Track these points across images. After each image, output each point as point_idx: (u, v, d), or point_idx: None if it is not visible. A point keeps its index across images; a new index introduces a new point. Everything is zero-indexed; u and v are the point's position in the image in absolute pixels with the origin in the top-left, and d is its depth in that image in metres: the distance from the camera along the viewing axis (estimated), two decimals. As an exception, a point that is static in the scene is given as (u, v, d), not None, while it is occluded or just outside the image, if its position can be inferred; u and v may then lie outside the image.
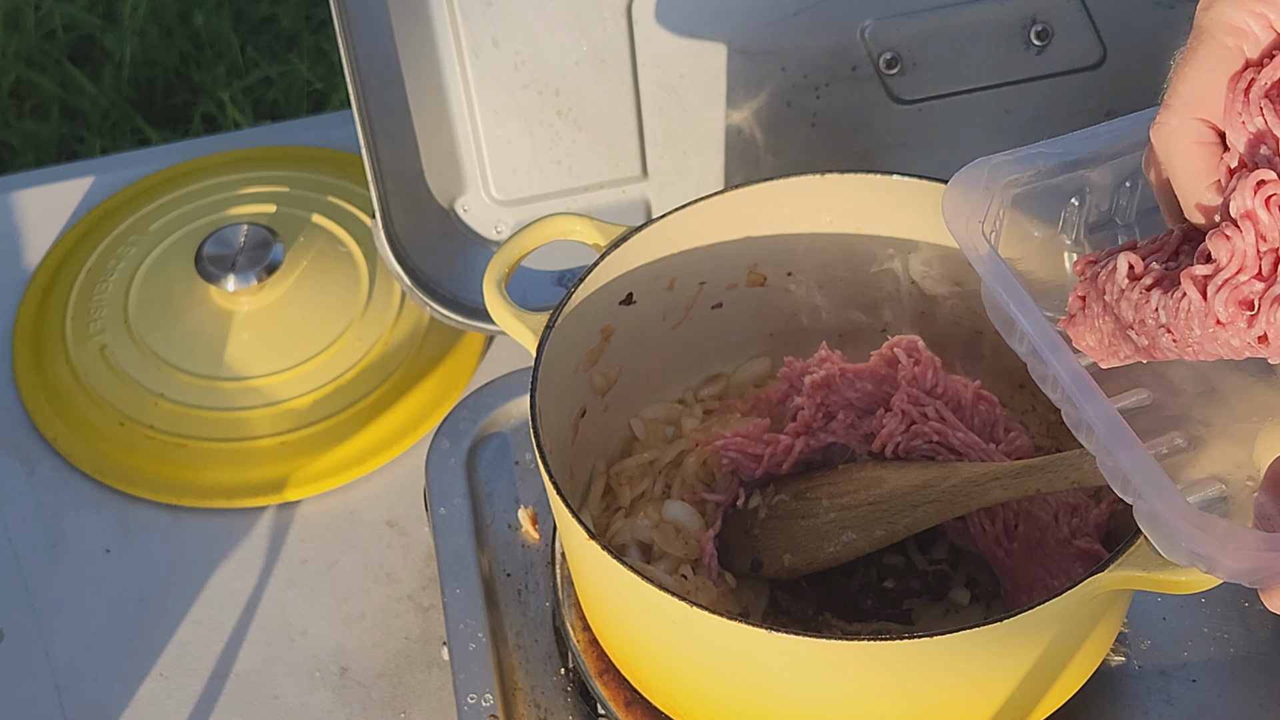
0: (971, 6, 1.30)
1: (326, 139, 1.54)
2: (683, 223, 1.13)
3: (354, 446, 1.32)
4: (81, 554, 1.27)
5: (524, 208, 1.33)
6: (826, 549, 1.09)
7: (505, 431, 1.29)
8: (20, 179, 1.54)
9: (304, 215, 1.45)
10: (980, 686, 0.99)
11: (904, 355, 1.12)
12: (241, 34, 2.28)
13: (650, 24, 1.27)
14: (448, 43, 1.27)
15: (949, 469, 1.07)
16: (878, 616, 1.12)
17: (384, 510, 1.29)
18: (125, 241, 1.45)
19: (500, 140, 1.31)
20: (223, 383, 1.35)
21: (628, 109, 1.31)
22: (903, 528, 1.07)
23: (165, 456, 1.32)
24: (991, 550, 1.10)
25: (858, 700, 0.99)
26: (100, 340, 1.39)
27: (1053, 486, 1.01)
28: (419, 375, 1.36)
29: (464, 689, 1.13)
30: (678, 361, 1.21)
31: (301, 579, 1.26)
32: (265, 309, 1.38)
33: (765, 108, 1.32)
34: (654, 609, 0.97)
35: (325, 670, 1.21)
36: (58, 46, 2.26)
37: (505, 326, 1.10)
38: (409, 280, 1.31)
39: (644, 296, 1.15)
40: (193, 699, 1.20)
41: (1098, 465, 0.83)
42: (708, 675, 1.02)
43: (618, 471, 1.18)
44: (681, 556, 1.13)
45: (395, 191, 1.29)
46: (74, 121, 2.21)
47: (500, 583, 1.21)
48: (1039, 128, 1.36)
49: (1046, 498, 1.08)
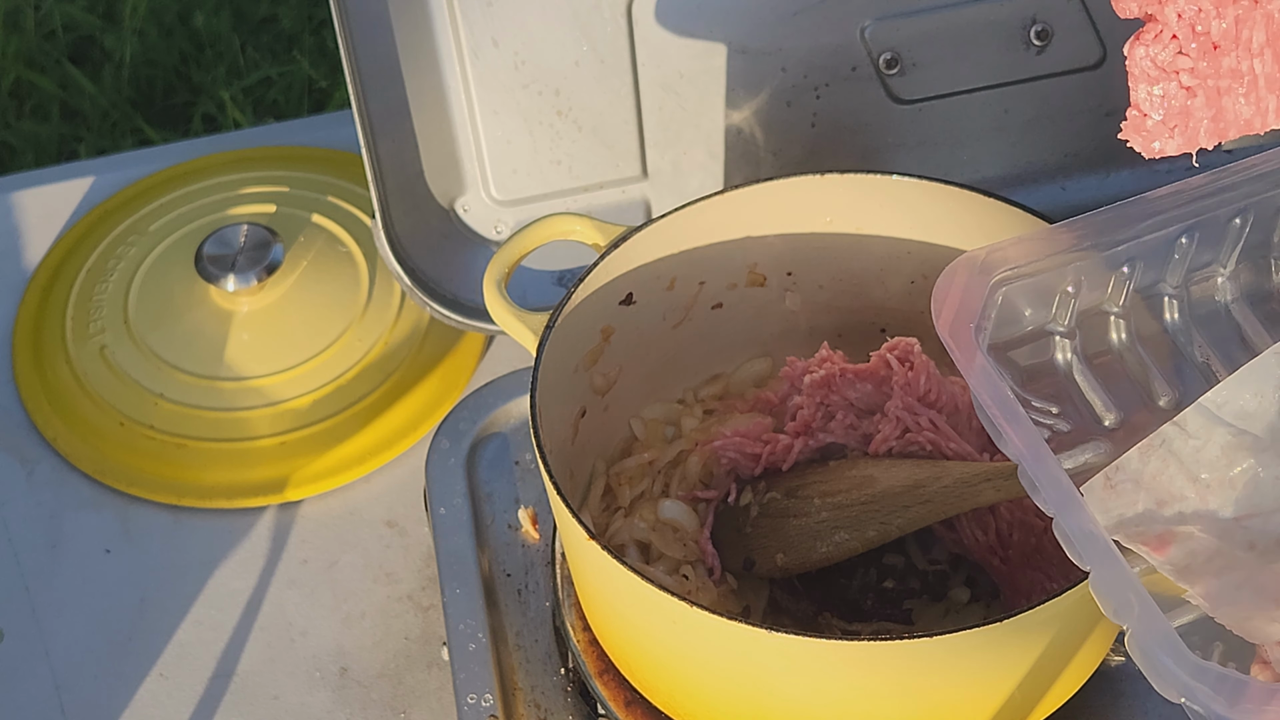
0: (971, 6, 1.30)
1: (326, 139, 1.54)
2: (683, 223, 1.13)
3: (354, 446, 1.32)
4: (81, 554, 1.27)
5: (524, 208, 1.33)
6: (819, 548, 1.09)
7: (505, 431, 1.29)
8: (20, 179, 1.54)
9: (304, 215, 1.45)
10: (980, 686, 0.99)
11: (897, 362, 1.12)
12: (241, 34, 2.28)
13: (650, 24, 1.27)
14: (448, 43, 1.27)
15: (941, 468, 1.07)
16: (878, 616, 1.12)
17: (384, 510, 1.29)
18: (125, 241, 1.45)
19: (500, 140, 1.31)
20: (223, 383, 1.35)
21: (628, 109, 1.31)
22: (895, 528, 1.07)
23: (165, 456, 1.32)
24: (987, 559, 1.10)
25: (858, 700, 0.99)
26: (100, 340, 1.39)
27: None
28: (419, 375, 1.36)
29: (464, 689, 1.13)
30: (678, 361, 1.21)
31: (301, 579, 1.26)
32: (265, 309, 1.38)
33: (765, 108, 1.32)
34: (654, 609, 0.97)
35: (325, 670, 1.21)
36: (58, 46, 2.26)
37: (505, 326, 1.10)
38: (409, 280, 1.31)
39: (644, 296, 1.15)
40: (193, 699, 1.20)
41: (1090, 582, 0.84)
42: (708, 675, 1.02)
43: (617, 472, 1.18)
44: (680, 558, 1.13)
45: (395, 191, 1.29)
46: (74, 122, 2.21)
47: (500, 583, 1.21)
48: (1039, 127, 1.36)
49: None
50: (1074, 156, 1.39)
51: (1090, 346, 0.93)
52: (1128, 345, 0.94)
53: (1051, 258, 0.89)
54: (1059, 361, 0.92)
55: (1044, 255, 0.89)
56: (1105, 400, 0.92)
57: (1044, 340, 0.92)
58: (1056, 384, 0.92)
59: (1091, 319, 0.93)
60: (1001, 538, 1.09)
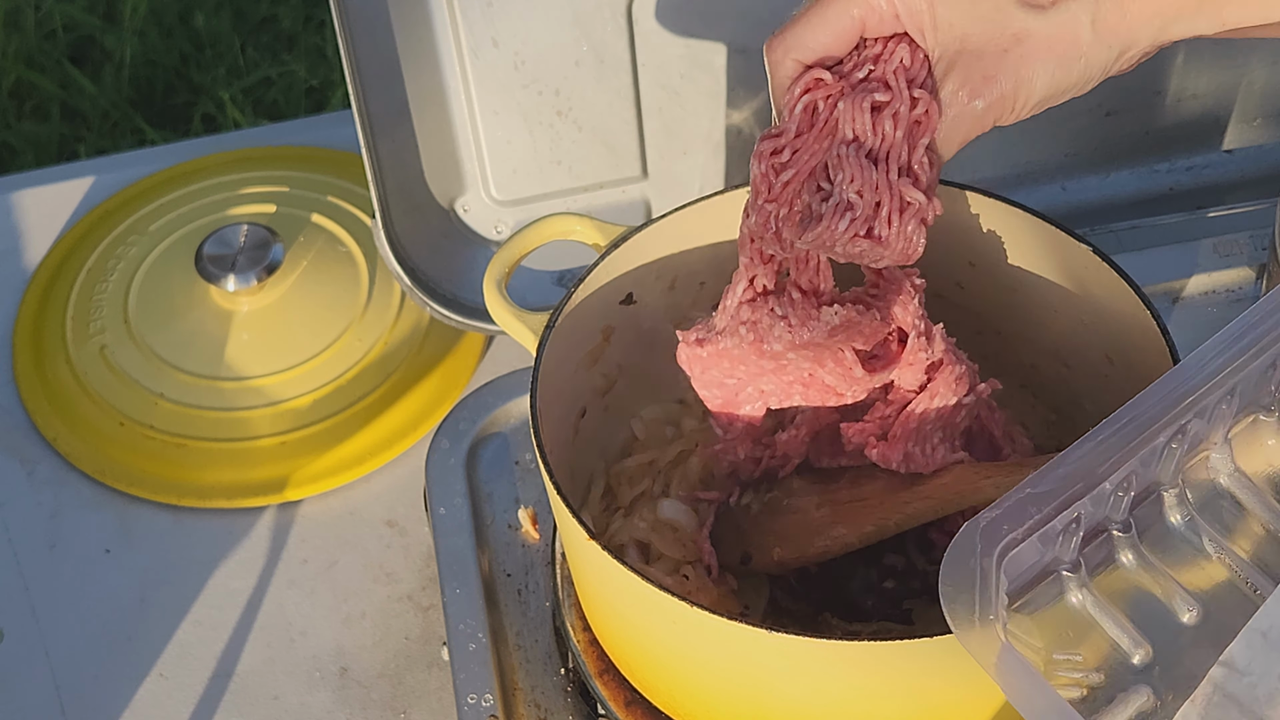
0: (971, 6, 1.30)
1: (326, 139, 1.54)
2: (683, 223, 1.13)
3: (354, 446, 1.32)
4: (81, 554, 1.27)
5: (524, 208, 1.33)
6: (816, 542, 1.09)
7: (505, 431, 1.29)
8: (20, 179, 1.54)
9: (304, 215, 1.45)
10: (980, 686, 0.99)
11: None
12: (241, 34, 2.28)
13: (650, 24, 1.27)
14: (448, 43, 1.27)
15: (941, 466, 1.07)
16: (878, 616, 1.12)
17: (384, 510, 1.29)
18: (125, 241, 1.45)
19: (500, 140, 1.31)
20: (223, 383, 1.36)
21: (628, 109, 1.31)
22: (894, 524, 1.06)
23: (165, 456, 1.32)
24: None
25: (858, 700, 0.99)
26: (100, 340, 1.39)
27: None
28: (419, 375, 1.36)
29: (464, 689, 1.13)
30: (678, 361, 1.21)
31: (301, 579, 1.26)
32: (265, 309, 1.38)
33: (765, 108, 1.32)
34: (654, 609, 0.97)
35: (325, 670, 1.21)
36: (58, 46, 2.26)
37: (505, 326, 1.10)
38: (409, 280, 1.31)
39: (644, 296, 1.15)
40: (193, 699, 1.20)
41: None
42: (708, 675, 1.02)
43: (618, 472, 1.18)
44: (680, 558, 1.13)
45: (395, 191, 1.29)
46: (74, 122, 2.21)
47: (500, 583, 1.21)
48: (1039, 127, 1.35)
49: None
50: (1074, 156, 1.39)
51: (1098, 572, 0.88)
52: (1137, 563, 0.88)
53: (1047, 508, 0.84)
54: (1073, 604, 0.87)
55: (1039, 511, 0.84)
56: (1130, 635, 0.86)
57: (1052, 580, 0.87)
58: (1076, 630, 0.86)
59: (1095, 543, 0.88)
60: (1000, 540, 1.09)
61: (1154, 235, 1.37)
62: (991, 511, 0.84)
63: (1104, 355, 1.11)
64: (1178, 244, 1.36)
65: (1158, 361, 1.04)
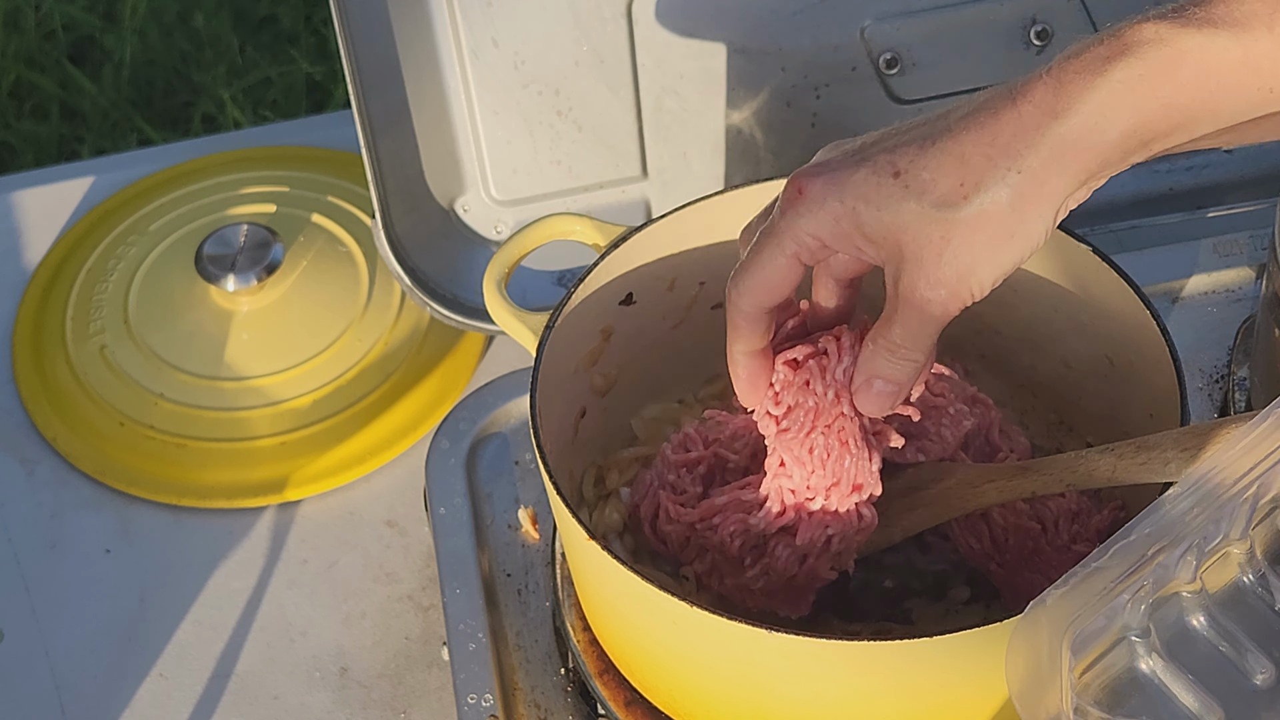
0: (971, 6, 1.30)
1: (326, 139, 1.54)
2: (683, 223, 1.13)
3: (354, 446, 1.32)
4: (81, 554, 1.27)
5: (524, 208, 1.33)
6: None
7: (505, 431, 1.29)
8: (20, 179, 1.54)
9: (304, 215, 1.45)
10: (980, 686, 0.99)
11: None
12: (241, 34, 2.28)
13: (650, 24, 1.27)
14: (448, 43, 1.27)
15: (942, 469, 1.07)
16: (878, 616, 1.12)
17: (384, 510, 1.29)
18: (125, 241, 1.45)
19: (500, 140, 1.31)
20: (223, 383, 1.36)
21: (628, 109, 1.31)
22: (898, 531, 1.06)
23: (165, 456, 1.32)
24: (984, 565, 1.10)
25: (858, 700, 0.99)
26: (100, 340, 1.39)
27: (1048, 489, 1.01)
28: (419, 375, 1.36)
29: (464, 689, 1.13)
30: (678, 361, 1.21)
31: (301, 579, 1.26)
32: (265, 309, 1.38)
33: (765, 108, 1.32)
34: (654, 609, 0.97)
35: (325, 670, 1.21)
36: (58, 46, 2.26)
37: (505, 326, 1.10)
38: (409, 280, 1.31)
39: (644, 296, 1.15)
40: (193, 699, 1.20)
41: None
42: (708, 675, 1.02)
43: (610, 462, 1.17)
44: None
45: (395, 191, 1.29)
46: (74, 122, 2.21)
47: (500, 583, 1.21)
48: (1039, 128, 1.36)
49: (1046, 505, 1.07)
50: (1074, 156, 1.39)
51: (1167, 633, 0.85)
52: (1208, 625, 0.86)
53: (1115, 581, 0.83)
54: (1143, 671, 0.85)
55: (1104, 589, 0.83)
56: (1203, 701, 0.84)
57: (1121, 646, 0.85)
58: (1146, 699, 0.84)
59: (1165, 605, 0.85)
60: (997, 543, 1.08)
61: (1154, 235, 1.37)
62: (1058, 589, 0.83)
63: (1104, 355, 1.11)
64: (1178, 244, 1.35)
65: (1158, 362, 1.04)
